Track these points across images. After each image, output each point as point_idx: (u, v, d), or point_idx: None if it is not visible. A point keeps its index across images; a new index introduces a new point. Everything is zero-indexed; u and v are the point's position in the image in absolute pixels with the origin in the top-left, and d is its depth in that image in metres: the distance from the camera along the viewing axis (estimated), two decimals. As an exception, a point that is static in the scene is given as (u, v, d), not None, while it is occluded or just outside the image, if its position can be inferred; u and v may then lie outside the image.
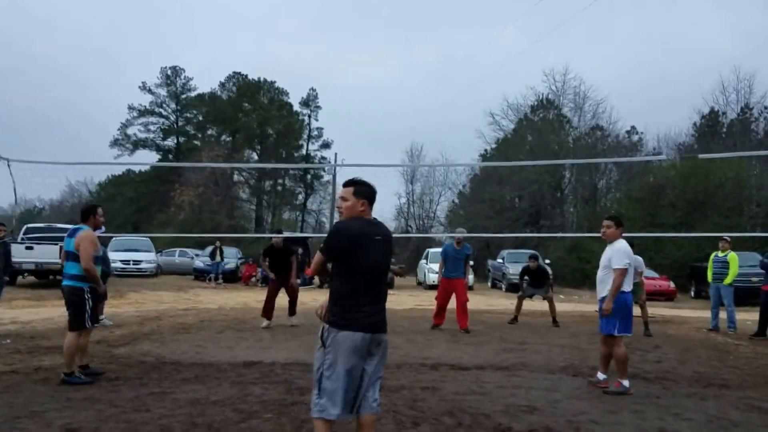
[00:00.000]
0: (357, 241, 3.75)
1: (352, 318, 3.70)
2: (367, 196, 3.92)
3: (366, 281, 3.78)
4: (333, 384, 3.69)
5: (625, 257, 6.55)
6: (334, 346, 3.69)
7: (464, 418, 5.29)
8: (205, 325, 11.73)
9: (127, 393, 5.95)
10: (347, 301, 3.73)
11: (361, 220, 3.86)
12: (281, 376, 6.85)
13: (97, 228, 6.72)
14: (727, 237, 12.98)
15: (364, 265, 3.77)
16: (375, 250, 3.81)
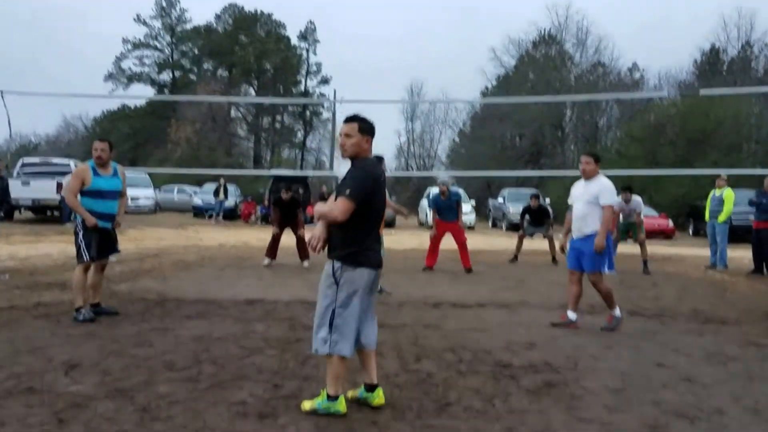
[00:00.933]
0: (377, 183, 3.79)
1: (367, 256, 3.76)
2: (371, 133, 3.87)
3: (377, 221, 3.85)
4: (346, 321, 3.74)
5: (613, 194, 6.56)
6: (349, 283, 3.74)
7: (465, 354, 5.34)
8: (206, 262, 11.79)
9: (129, 329, 6.00)
10: (364, 241, 3.76)
11: (371, 160, 3.87)
12: (284, 314, 6.90)
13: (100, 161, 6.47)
14: (723, 175, 12.93)
15: (378, 206, 3.84)
16: (383, 191, 3.91)
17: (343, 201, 3.68)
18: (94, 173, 6.41)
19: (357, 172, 3.77)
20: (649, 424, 3.78)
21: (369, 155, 3.91)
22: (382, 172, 3.90)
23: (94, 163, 6.45)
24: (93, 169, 6.41)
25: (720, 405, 4.16)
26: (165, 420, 3.67)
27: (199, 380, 4.44)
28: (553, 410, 4.00)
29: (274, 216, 11.90)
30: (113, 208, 6.57)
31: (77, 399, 3.99)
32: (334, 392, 3.78)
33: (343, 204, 3.68)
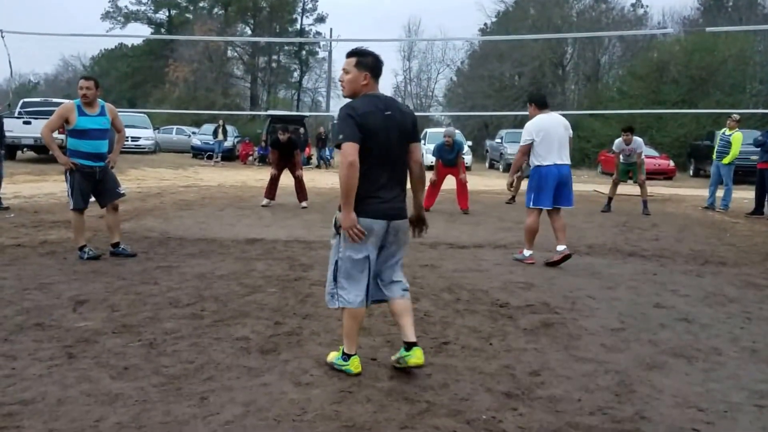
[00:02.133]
0: (370, 121, 3.40)
1: (369, 204, 3.43)
2: (370, 68, 3.52)
3: (379, 165, 3.45)
4: (350, 273, 3.52)
5: (525, 134, 6.70)
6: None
7: (462, 294, 5.41)
8: (207, 202, 11.82)
9: (134, 267, 6.06)
10: (367, 188, 3.41)
11: (366, 97, 3.50)
12: (284, 253, 6.95)
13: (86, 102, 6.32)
14: (735, 115, 12.75)
15: (379, 148, 3.43)
16: (386, 129, 3.45)
17: (342, 150, 3.37)
18: (80, 112, 6.27)
19: (341, 113, 3.44)
20: (646, 363, 3.86)
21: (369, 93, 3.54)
22: (388, 107, 3.50)
23: (80, 102, 6.32)
24: (78, 108, 6.28)
25: (717, 345, 4.23)
26: (171, 355, 3.75)
27: (202, 317, 4.52)
28: (550, 349, 4.08)
29: (272, 157, 11.87)
30: (101, 147, 6.42)
31: (86, 334, 4.07)
32: (347, 349, 3.57)
33: (343, 153, 3.36)
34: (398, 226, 3.56)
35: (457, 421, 3.00)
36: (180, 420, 2.92)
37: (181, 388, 3.28)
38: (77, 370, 3.48)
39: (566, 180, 6.70)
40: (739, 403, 3.31)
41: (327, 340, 4.10)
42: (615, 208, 11.92)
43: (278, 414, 3.01)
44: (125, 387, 3.26)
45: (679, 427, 3.00)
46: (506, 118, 33.74)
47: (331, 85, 45.51)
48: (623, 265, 6.87)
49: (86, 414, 2.95)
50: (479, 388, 3.41)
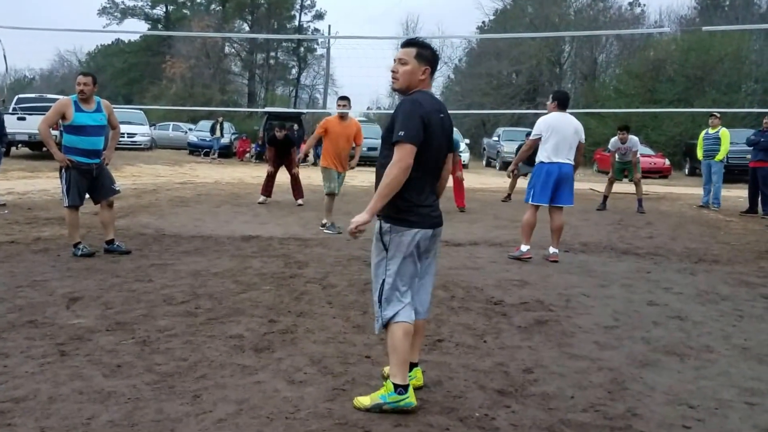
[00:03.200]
0: (433, 120, 3.08)
1: (420, 214, 3.12)
2: (430, 62, 3.19)
3: (430, 170, 3.17)
4: (398, 289, 3.12)
5: (536, 129, 6.86)
6: (398, 246, 3.10)
7: (457, 291, 5.41)
8: (203, 199, 11.80)
9: (128, 264, 6.05)
10: (418, 195, 3.11)
11: (425, 95, 3.17)
12: (279, 251, 6.95)
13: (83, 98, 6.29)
14: (716, 113, 12.86)
15: (435, 151, 3.14)
16: (441, 133, 3.16)
17: (399, 150, 2.99)
18: (77, 108, 6.24)
19: (408, 105, 3.07)
20: (639, 360, 3.87)
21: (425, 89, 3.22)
22: (441, 109, 3.20)
23: (77, 98, 6.30)
24: (75, 104, 6.26)
25: (709, 342, 4.25)
26: (164, 352, 3.75)
27: (197, 314, 4.51)
28: (543, 347, 4.09)
29: (268, 154, 11.86)
30: (97, 144, 6.40)
31: (79, 332, 4.07)
32: (401, 380, 3.05)
33: (400, 154, 2.98)
34: (439, 233, 3.28)
35: (450, 419, 3.00)
36: (173, 418, 2.92)
37: (174, 386, 3.28)
38: (70, 368, 3.48)
39: (567, 179, 6.80)
40: (729, 400, 3.32)
41: (322, 338, 4.11)
42: (610, 207, 11.94)
43: (271, 412, 3.02)
44: (118, 385, 3.26)
45: (670, 424, 3.01)
46: (503, 116, 33.74)
47: (328, 82, 45.42)
48: (617, 263, 6.89)
49: (78, 412, 2.95)
50: (473, 385, 3.42)
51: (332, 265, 6.26)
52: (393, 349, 3.10)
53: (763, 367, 3.81)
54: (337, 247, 7.21)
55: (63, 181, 6.32)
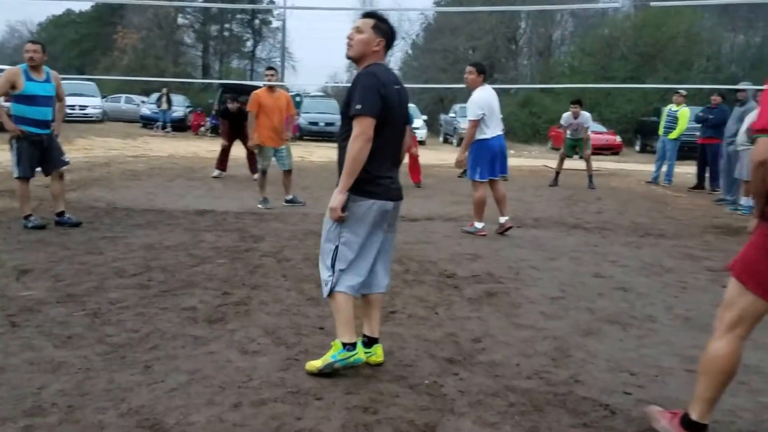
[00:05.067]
0: (387, 93, 3.09)
1: (378, 185, 3.14)
2: (386, 35, 3.21)
3: (390, 142, 3.20)
4: (351, 260, 3.17)
5: (477, 108, 6.73)
6: (355, 218, 3.13)
7: (412, 265, 5.49)
8: (156, 172, 11.62)
9: (78, 237, 5.96)
10: (376, 167, 3.11)
11: (381, 67, 3.19)
12: (234, 225, 6.92)
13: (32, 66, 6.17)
14: (682, 91, 13.05)
15: (394, 123, 3.17)
16: (398, 105, 3.18)
17: (359, 123, 3.01)
18: (27, 77, 6.10)
19: (364, 79, 3.08)
20: (583, 330, 4.01)
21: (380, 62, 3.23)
22: (397, 81, 3.23)
23: (26, 66, 6.14)
24: (25, 73, 6.11)
25: (652, 313, 4.42)
26: (116, 324, 3.74)
27: (149, 287, 4.50)
28: (492, 317, 4.20)
29: (222, 128, 11.67)
30: (47, 114, 6.27)
31: (29, 303, 4.03)
32: (348, 338, 3.17)
33: (360, 127, 3.00)
34: (398, 207, 3.32)
35: (401, 386, 3.08)
36: (124, 387, 2.93)
37: (125, 356, 3.28)
38: (20, 339, 3.45)
39: (504, 150, 6.98)
40: (670, 368, 3.47)
41: (276, 309, 4.14)
42: (562, 183, 12.16)
43: (223, 381, 3.05)
44: (68, 355, 3.25)
45: (611, 390, 3.14)
46: (460, 92, 33.79)
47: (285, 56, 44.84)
48: (567, 237, 7.06)
49: (28, 382, 2.94)
50: (423, 354, 3.51)
51: (288, 239, 6.27)
52: (337, 312, 3.20)
53: (704, 336, 3.92)
54: (293, 222, 7.22)
55: (14, 152, 6.19)
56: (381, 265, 3.32)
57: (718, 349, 2.51)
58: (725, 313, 2.53)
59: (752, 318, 2.49)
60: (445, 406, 2.89)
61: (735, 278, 2.52)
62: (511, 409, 2.90)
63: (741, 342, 2.51)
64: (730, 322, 2.51)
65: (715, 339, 2.55)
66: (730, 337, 2.50)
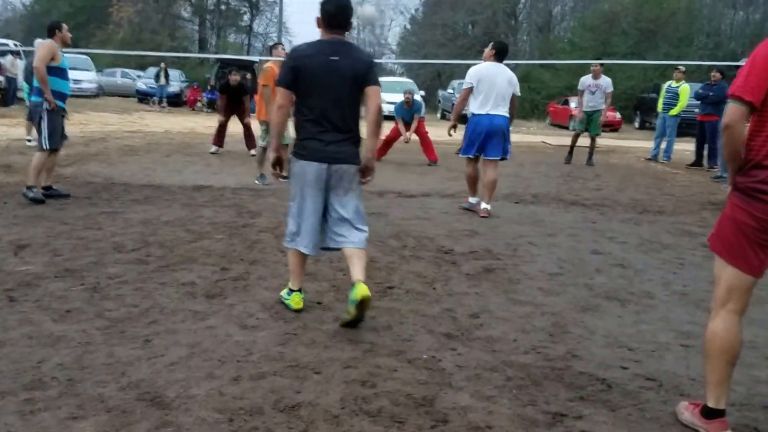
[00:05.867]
0: (302, 64, 3.46)
1: (306, 147, 3.52)
2: (323, 15, 3.50)
3: (321, 108, 3.48)
4: (295, 216, 3.62)
5: (467, 78, 6.67)
6: (294, 176, 3.58)
7: (409, 240, 5.49)
8: (153, 148, 11.57)
9: (76, 212, 5.95)
10: (305, 131, 3.54)
11: (315, 42, 3.55)
12: (232, 200, 6.91)
13: (65, 45, 6.47)
14: (681, 67, 12.94)
15: (312, 92, 3.48)
16: (329, 73, 3.44)
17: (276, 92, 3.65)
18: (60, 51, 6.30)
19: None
20: (581, 306, 4.03)
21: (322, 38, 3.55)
22: (327, 54, 3.46)
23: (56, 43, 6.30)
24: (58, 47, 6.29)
25: (650, 289, 4.44)
26: (115, 299, 3.75)
27: (147, 262, 4.50)
28: (490, 293, 4.21)
29: (220, 103, 11.54)
30: (69, 89, 6.51)
31: (27, 278, 4.03)
32: (291, 285, 3.74)
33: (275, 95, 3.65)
34: (341, 170, 3.53)
35: (399, 361, 3.10)
36: (124, 361, 2.94)
37: (124, 331, 3.29)
38: (18, 313, 3.45)
39: (497, 132, 6.51)
40: (666, 343, 3.50)
41: (274, 284, 4.14)
42: (559, 159, 12.12)
43: (223, 355, 3.06)
44: (68, 330, 3.26)
45: (608, 365, 3.17)
46: (459, 68, 33.59)
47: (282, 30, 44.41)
48: (565, 213, 7.07)
49: (28, 356, 2.95)
50: (421, 329, 3.52)
51: (285, 215, 6.23)
52: (289, 262, 3.78)
53: (700, 311, 3.99)
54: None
55: (45, 124, 6.24)
56: (343, 224, 3.59)
57: (714, 327, 2.54)
58: (715, 290, 2.58)
59: (739, 291, 2.51)
60: (443, 380, 2.91)
61: (715, 252, 2.58)
62: (509, 383, 2.92)
63: (735, 317, 2.52)
64: (720, 298, 2.55)
65: (711, 319, 2.58)
66: (723, 313, 2.53)
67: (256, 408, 2.58)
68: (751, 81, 2.37)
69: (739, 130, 2.42)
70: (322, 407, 2.61)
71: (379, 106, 3.57)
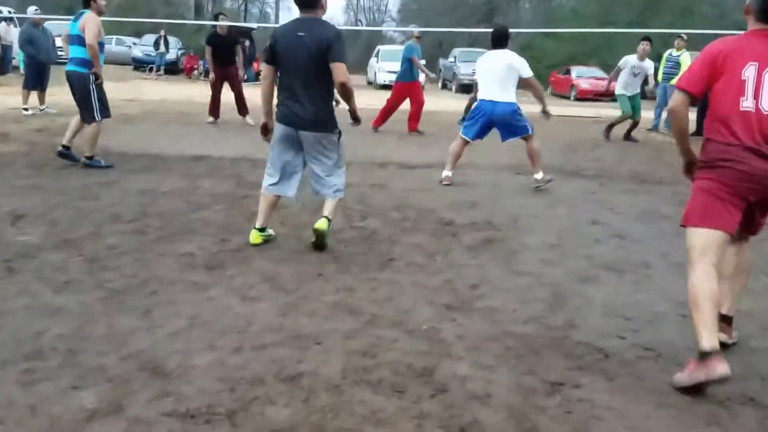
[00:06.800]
0: (276, 42, 4.06)
1: (278, 111, 4.20)
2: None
3: (290, 79, 4.08)
4: (268, 165, 4.34)
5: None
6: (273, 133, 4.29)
7: (410, 212, 5.48)
8: (149, 117, 11.49)
9: (74, 182, 5.92)
10: (279, 97, 4.19)
11: (291, 21, 4.16)
12: (230, 171, 6.88)
13: (101, 14, 6.54)
14: (683, 35, 12.77)
15: (284, 65, 4.08)
16: (295, 49, 3.99)
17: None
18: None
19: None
20: (580, 276, 4.04)
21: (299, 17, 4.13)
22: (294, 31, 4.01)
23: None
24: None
25: (647, 259, 4.45)
26: (114, 269, 3.74)
27: (146, 233, 4.49)
28: (490, 264, 4.22)
29: (208, 56, 10.67)
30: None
31: (25, 249, 4.02)
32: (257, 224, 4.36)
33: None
34: (305, 136, 4.15)
35: (399, 332, 3.11)
36: (124, 332, 2.95)
37: (124, 301, 3.30)
38: (17, 284, 3.45)
39: (501, 117, 6.50)
40: (664, 313, 3.52)
41: (274, 256, 4.14)
42: (557, 130, 12.02)
43: (224, 326, 3.07)
44: (67, 300, 3.26)
45: (606, 334, 3.18)
46: (460, 37, 33.32)
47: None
48: (565, 184, 7.04)
49: (27, 326, 2.95)
50: (421, 301, 3.53)
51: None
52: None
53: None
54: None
55: (94, 97, 6.51)
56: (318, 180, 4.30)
57: (695, 280, 2.79)
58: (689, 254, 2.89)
59: (714, 247, 2.82)
60: (442, 351, 2.92)
61: (688, 228, 2.93)
62: (508, 352, 2.94)
63: (712, 268, 2.79)
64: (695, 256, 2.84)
65: (690, 273, 2.85)
66: (700, 265, 2.80)
67: (258, 378, 2.60)
68: (694, 75, 2.91)
69: (682, 113, 2.98)
70: (323, 377, 2.63)
71: (342, 83, 4.00)
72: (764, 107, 2.78)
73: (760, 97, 2.78)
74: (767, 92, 2.78)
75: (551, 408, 2.50)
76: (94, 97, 6.47)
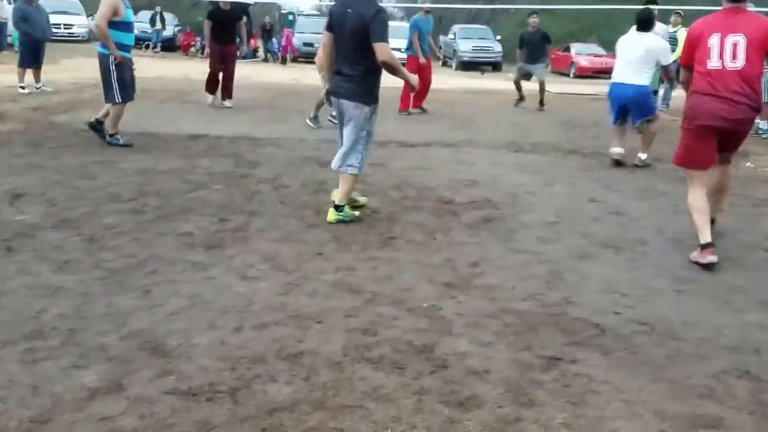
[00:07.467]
0: (331, 14, 4.43)
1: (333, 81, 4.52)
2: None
3: (339, 51, 4.37)
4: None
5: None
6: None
7: (410, 191, 5.48)
8: (146, 94, 11.32)
9: (71, 161, 5.90)
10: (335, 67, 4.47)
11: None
12: (229, 150, 6.84)
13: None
14: (679, 11, 12.69)
15: (337, 36, 4.35)
16: (342, 24, 4.26)
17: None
18: (124, 4, 6.31)
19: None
20: (577, 253, 4.05)
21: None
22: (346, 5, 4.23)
23: None
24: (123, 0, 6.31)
25: (644, 236, 4.47)
26: (112, 249, 3.75)
27: (144, 212, 4.49)
28: (489, 242, 4.23)
29: (206, 31, 10.34)
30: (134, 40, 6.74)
31: (24, 228, 4.02)
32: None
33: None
34: (340, 104, 4.42)
35: (399, 309, 3.12)
36: (124, 311, 2.96)
37: (123, 281, 3.31)
38: (16, 263, 3.46)
39: (633, 101, 6.67)
40: (659, 288, 3.54)
41: (274, 236, 4.15)
42: (556, 108, 11.99)
43: (224, 305, 3.08)
44: (66, 280, 3.27)
45: (602, 311, 3.21)
46: (459, 13, 33.05)
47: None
48: (563, 162, 7.04)
49: (27, 306, 2.96)
50: (421, 279, 3.54)
51: (285, 166, 6.21)
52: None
53: (693, 259, 4.03)
54: (289, 147, 7.14)
55: (115, 78, 6.42)
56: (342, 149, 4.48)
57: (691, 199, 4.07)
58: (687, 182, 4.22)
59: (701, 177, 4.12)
60: (442, 328, 2.95)
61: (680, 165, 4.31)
62: (507, 329, 2.96)
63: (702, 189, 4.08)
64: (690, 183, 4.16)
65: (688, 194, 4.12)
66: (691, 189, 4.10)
67: (259, 357, 2.61)
68: (685, 52, 4.21)
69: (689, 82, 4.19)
70: (324, 355, 2.64)
71: (384, 62, 4.18)
72: (728, 65, 3.86)
73: (724, 57, 3.87)
74: (728, 54, 3.85)
75: (548, 382, 2.53)
76: (114, 78, 6.43)
